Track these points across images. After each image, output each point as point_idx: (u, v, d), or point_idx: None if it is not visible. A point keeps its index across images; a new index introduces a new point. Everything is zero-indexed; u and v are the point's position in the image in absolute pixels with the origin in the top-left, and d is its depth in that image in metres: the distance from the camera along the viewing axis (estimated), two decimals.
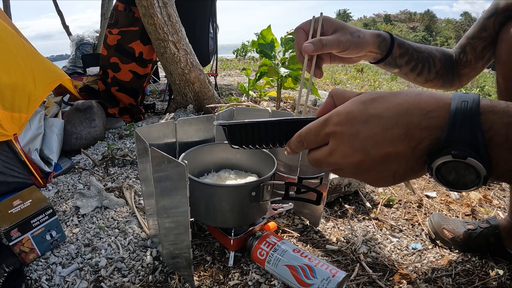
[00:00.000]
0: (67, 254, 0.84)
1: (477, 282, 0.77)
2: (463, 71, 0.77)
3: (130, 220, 0.98)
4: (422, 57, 0.74)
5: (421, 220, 1.02)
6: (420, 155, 0.31)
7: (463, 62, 0.76)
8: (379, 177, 0.33)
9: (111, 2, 4.72)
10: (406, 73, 0.75)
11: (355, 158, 0.33)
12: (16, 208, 0.81)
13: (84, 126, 1.55)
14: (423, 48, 0.74)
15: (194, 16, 2.42)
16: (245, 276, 0.77)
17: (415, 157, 0.31)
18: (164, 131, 0.86)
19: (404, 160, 0.31)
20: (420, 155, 0.31)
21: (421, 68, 0.74)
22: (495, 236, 0.83)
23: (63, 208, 1.05)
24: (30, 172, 1.17)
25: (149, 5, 1.75)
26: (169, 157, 0.61)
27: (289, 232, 0.94)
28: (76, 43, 4.53)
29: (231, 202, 0.75)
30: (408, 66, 0.73)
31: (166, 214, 0.70)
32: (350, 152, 0.33)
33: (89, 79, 1.99)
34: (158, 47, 1.89)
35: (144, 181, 0.79)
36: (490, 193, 1.24)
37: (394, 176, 0.33)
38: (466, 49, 0.75)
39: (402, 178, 0.33)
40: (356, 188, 1.13)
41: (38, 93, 1.29)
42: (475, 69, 0.76)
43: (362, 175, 0.34)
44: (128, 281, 0.75)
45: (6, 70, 1.18)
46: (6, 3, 4.68)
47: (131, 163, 1.37)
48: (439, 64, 0.75)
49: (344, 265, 0.82)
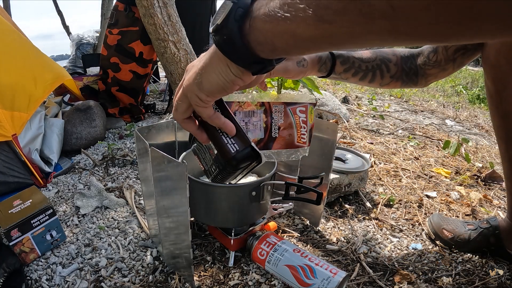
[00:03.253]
0: (67, 254, 0.84)
1: (477, 282, 0.77)
2: (430, 71, 0.78)
3: (130, 220, 0.98)
4: (372, 65, 0.77)
5: (421, 220, 1.02)
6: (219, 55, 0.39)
7: (432, 61, 0.77)
8: (208, 78, 0.41)
9: (111, 2, 4.72)
10: (356, 82, 0.80)
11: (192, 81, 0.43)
12: (16, 208, 0.81)
13: (84, 126, 1.55)
14: (373, 56, 0.77)
15: (194, 16, 2.41)
16: (245, 276, 0.77)
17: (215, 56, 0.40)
18: (164, 131, 0.86)
19: (212, 62, 0.41)
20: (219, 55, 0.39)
21: (371, 76, 0.78)
22: (495, 237, 0.83)
23: (63, 208, 1.05)
24: (30, 172, 1.17)
25: (149, 5, 1.75)
26: (169, 157, 0.61)
27: (289, 232, 0.94)
28: (76, 43, 4.53)
29: (231, 202, 0.75)
30: (356, 77, 0.78)
31: (166, 214, 0.70)
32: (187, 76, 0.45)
33: (89, 79, 1.99)
34: (158, 47, 1.89)
35: (144, 181, 0.79)
36: (491, 193, 1.24)
37: (215, 73, 0.41)
38: (438, 49, 0.76)
39: (223, 75, 0.41)
40: (356, 188, 1.13)
41: (39, 93, 1.29)
42: (443, 70, 0.77)
43: (202, 83, 0.42)
44: (128, 281, 0.75)
45: (6, 69, 1.18)
46: (6, 3, 4.69)
47: (131, 163, 1.37)
48: (394, 68, 0.78)
49: (344, 265, 0.82)
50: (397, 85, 0.80)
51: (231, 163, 0.48)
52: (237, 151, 0.48)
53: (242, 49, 0.36)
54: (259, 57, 0.37)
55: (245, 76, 0.40)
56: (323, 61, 0.73)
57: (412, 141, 1.83)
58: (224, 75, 0.40)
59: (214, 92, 0.42)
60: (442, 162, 1.53)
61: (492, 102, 0.72)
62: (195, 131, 0.50)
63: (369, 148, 1.64)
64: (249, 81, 0.42)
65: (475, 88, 5.07)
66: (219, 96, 0.44)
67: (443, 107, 3.28)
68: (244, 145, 0.48)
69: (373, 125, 2.14)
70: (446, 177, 1.37)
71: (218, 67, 0.40)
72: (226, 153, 0.48)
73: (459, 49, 0.74)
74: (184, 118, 0.49)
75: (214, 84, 0.41)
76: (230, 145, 0.48)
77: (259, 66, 0.38)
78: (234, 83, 0.41)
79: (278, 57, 0.38)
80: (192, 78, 0.43)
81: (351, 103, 2.81)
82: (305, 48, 0.34)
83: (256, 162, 0.51)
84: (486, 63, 0.69)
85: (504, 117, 0.71)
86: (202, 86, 0.42)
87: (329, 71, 0.75)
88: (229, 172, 0.51)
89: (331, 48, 0.35)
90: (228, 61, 0.39)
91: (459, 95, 4.72)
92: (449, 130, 2.25)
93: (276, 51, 0.36)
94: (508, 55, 0.64)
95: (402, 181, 1.30)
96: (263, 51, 0.36)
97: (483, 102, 4.08)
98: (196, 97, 0.43)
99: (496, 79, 0.68)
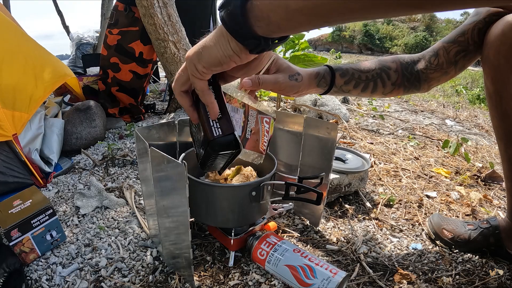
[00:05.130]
0: (67, 254, 0.84)
1: (477, 282, 0.77)
2: (433, 74, 0.77)
3: (130, 220, 0.98)
4: (373, 74, 0.76)
5: (421, 220, 1.02)
6: None
7: (434, 65, 0.76)
8: (209, 50, 0.44)
9: (111, 2, 4.72)
10: (358, 94, 0.78)
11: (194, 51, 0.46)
12: (16, 208, 0.81)
13: (84, 126, 1.55)
14: (373, 65, 0.76)
15: (194, 16, 2.41)
16: (245, 276, 0.77)
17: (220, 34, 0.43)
18: (164, 131, 0.86)
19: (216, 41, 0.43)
20: None
21: (373, 86, 0.76)
22: (495, 237, 0.83)
23: (63, 208, 1.05)
24: (30, 172, 1.17)
25: (149, 5, 1.75)
26: (169, 157, 0.61)
27: (289, 232, 0.94)
28: (76, 43, 4.53)
29: (231, 202, 0.75)
30: (357, 89, 0.76)
31: (166, 214, 0.70)
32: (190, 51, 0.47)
33: (89, 79, 1.99)
34: (158, 47, 1.89)
35: (144, 181, 0.79)
36: (491, 193, 1.24)
37: (216, 47, 0.43)
38: (439, 52, 0.76)
39: (223, 48, 0.43)
40: (356, 188, 1.13)
41: (40, 93, 1.29)
42: (445, 74, 0.77)
43: (202, 53, 0.45)
44: (128, 281, 0.75)
45: (8, 69, 1.18)
46: (6, 3, 4.69)
47: (131, 163, 1.37)
48: (395, 75, 0.77)
49: (344, 265, 0.82)
50: (399, 92, 0.78)
51: (212, 145, 0.51)
52: (219, 135, 0.50)
53: (241, 23, 0.39)
54: (256, 33, 0.40)
55: (242, 54, 0.43)
56: (321, 75, 0.71)
57: (412, 141, 1.83)
58: (223, 49, 0.43)
59: (211, 64, 0.45)
60: (442, 162, 1.53)
61: (491, 102, 0.72)
62: (188, 107, 0.53)
63: (369, 148, 1.64)
64: (245, 60, 0.44)
65: (475, 88, 5.08)
66: (215, 70, 0.46)
67: (443, 107, 3.28)
68: (227, 131, 0.51)
69: (373, 125, 2.14)
70: (446, 177, 1.37)
71: (219, 41, 0.43)
72: (209, 136, 0.51)
73: (460, 52, 0.73)
74: (181, 91, 0.52)
75: (213, 57, 0.44)
76: (215, 128, 0.51)
77: (255, 43, 0.41)
78: (231, 59, 0.43)
79: (273, 36, 0.41)
80: (195, 50, 0.45)
81: (351, 103, 2.81)
82: (297, 22, 0.38)
83: (236, 151, 0.54)
84: (486, 63, 0.69)
85: (503, 117, 0.71)
86: (202, 57, 0.45)
87: (329, 84, 0.72)
88: (210, 155, 0.53)
89: (320, 22, 0.37)
90: (229, 36, 0.41)
91: (459, 95, 4.72)
92: (449, 130, 2.26)
93: (271, 25, 0.39)
94: (507, 55, 0.64)
95: (402, 181, 1.30)
96: (260, 27, 0.39)
97: (483, 102, 4.09)
98: (194, 66, 0.46)
99: (496, 79, 0.68)
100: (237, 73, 0.52)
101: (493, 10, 0.69)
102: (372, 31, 28.78)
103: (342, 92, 0.76)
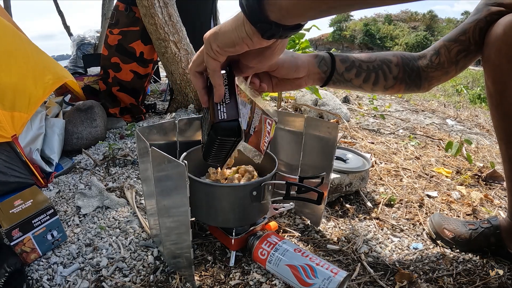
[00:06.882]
0: (68, 254, 0.84)
1: (478, 282, 0.77)
2: (433, 73, 0.76)
3: (131, 220, 0.98)
4: (374, 65, 0.73)
5: (422, 220, 1.02)
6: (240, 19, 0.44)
7: (435, 64, 0.75)
8: (225, 31, 0.46)
9: (112, 2, 4.73)
10: (360, 85, 0.74)
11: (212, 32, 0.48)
12: (17, 208, 0.81)
13: (85, 126, 1.55)
14: (373, 57, 0.74)
15: (195, 16, 2.42)
16: (246, 276, 0.77)
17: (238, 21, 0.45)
18: (165, 131, 0.86)
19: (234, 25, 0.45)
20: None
21: (375, 77, 0.74)
22: (496, 236, 0.83)
23: (64, 208, 1.05)
24: (31, 172, 1.17)
25: (150, 5, 1.75)
26: (169, 157, 0.61)
27: (290, 232, 0.94)
28: (77, 43, 4.54)
29: (232, 202, 0.75)
30: (359, 78, 0.73)
31: (167, 214, 0.70)
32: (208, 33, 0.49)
33: (90, 79, 1.99)
34: (159, 47, 1.89)
35: (145, 181, 0.79)
36: (491, 193, 1.23)
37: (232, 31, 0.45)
38: (441, 50, 0.75)
39: (239, 33, 0.45)
40: (357, 187, 1.13)
41: (39, 93, 1.29)
42: (446, 73, 0.75)
43: (218, 34, 0.47)
44: (129, 281, 0.75)
45: (7, 70, 1.18)
46: (6, 3, 4.70)
47: (132, 163, 1.38)
48: (396, 69, 0.74)
49: (345, 264, 0.82)
50: (401, 88, 0.77)
51: (214, 128, 0.52)
52: (223, 119, 0.51)
53: (255, 5, 0.41)
54: (268, 18, 0.42)
55: (255, 37, 0.44)
56: (321, 56, 0.70)
57: (413, 140, 1.82)
58: (238, 31, 0.45)
59: (225, 45, 0.47)
60: (443, 162, 1.53)
61: (492, 102, 0.71)
62: (200, 89, 0.55)
63: (370, 148, 1.64)
64: (258, 44, 0.46)
65: (476, 87, 5.07)
66: (228, 51, 0.47)
67: (444, 107, 3.28)
68: (232, 117, 0.52)
69: (374, 125, 2.14)
70: (447, 176, 1.36)
71: (236, 23, 0.45)
72: (214, 118, 0.51)
73: (462, 51, 0.73)
74: (196, 71, 0.54)
75: (227, 37, 0.46)
76: (221, 112, 0.52)
77: (267, 27, 0.43)
78: (244, 41, 0.45)
79: (284, 23, 0.42)
80: (213, 31, 0.48)
81: (351, 102, 2.80)
82: (303, 5, 0.40)
83: (237, 139, 0.54)
84: (487, 63, 0.68)
85: (504, 117, 0.70)
86: (218, 37, 0.47)
87: (330, 67, 0.70)
88: (213, 141, 0.54)
89: (325, 7, 0.39)
90: (245, 19, 0.43)
91: (460, 94, 4.72)
92: (450, 130, 2.25)
93: (282, 10, 0.41)
94: (509, 55, 0.63)
95: (403, 180, 1.30)
96: (273, 12, 0.41)
97: (484, 102, 4.08)
98: (209, 45, 0.48)
99: (497, 79, 0.68)
100: (251, 62, 0.53)
101: (494, 9, 0.69)
102: (372, 30, 28.75)
103: (344, 82, 0.73)
